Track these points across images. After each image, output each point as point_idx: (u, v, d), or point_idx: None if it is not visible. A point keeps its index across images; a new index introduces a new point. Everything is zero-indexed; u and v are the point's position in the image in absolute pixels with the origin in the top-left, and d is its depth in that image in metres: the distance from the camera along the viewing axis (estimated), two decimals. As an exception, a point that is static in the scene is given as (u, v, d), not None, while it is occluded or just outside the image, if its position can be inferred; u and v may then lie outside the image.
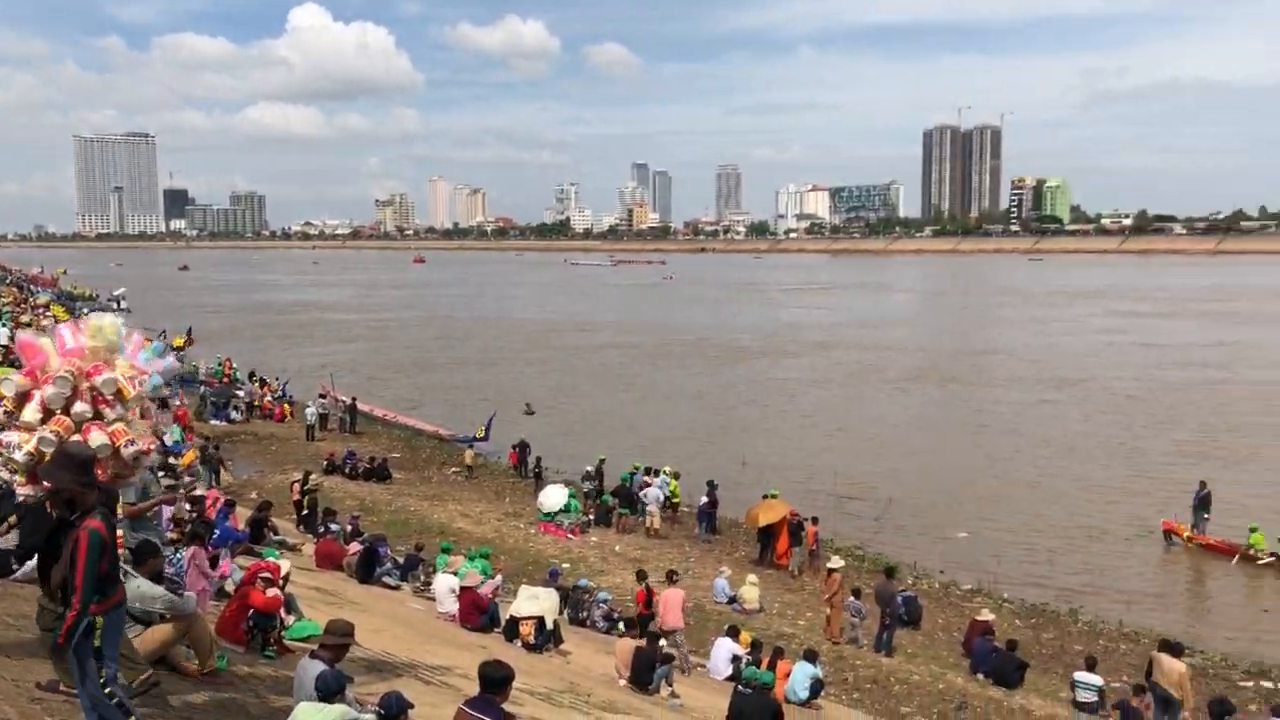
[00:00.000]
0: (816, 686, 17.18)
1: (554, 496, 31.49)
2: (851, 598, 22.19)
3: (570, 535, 29.76)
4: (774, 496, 29.54)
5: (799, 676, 17.12)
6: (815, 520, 28.53)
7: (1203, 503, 30.87)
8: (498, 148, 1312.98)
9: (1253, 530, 29.40)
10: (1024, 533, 31.56)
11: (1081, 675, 18.58)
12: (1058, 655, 22.23)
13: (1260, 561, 28.23)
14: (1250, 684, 21.04)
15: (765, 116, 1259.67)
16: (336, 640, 8.81)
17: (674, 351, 77.04)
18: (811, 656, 17.57)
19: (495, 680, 8.07)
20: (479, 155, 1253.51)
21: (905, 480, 37.58)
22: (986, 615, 22.00)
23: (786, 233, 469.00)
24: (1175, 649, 17.49)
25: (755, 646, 18.30)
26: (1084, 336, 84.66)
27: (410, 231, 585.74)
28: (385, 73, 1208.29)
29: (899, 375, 63.71)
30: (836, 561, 22.70)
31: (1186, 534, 30.37)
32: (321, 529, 24.15)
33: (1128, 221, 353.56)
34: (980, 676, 20.04)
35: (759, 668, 16.27)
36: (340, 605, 16.12)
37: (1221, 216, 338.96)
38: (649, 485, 31.79)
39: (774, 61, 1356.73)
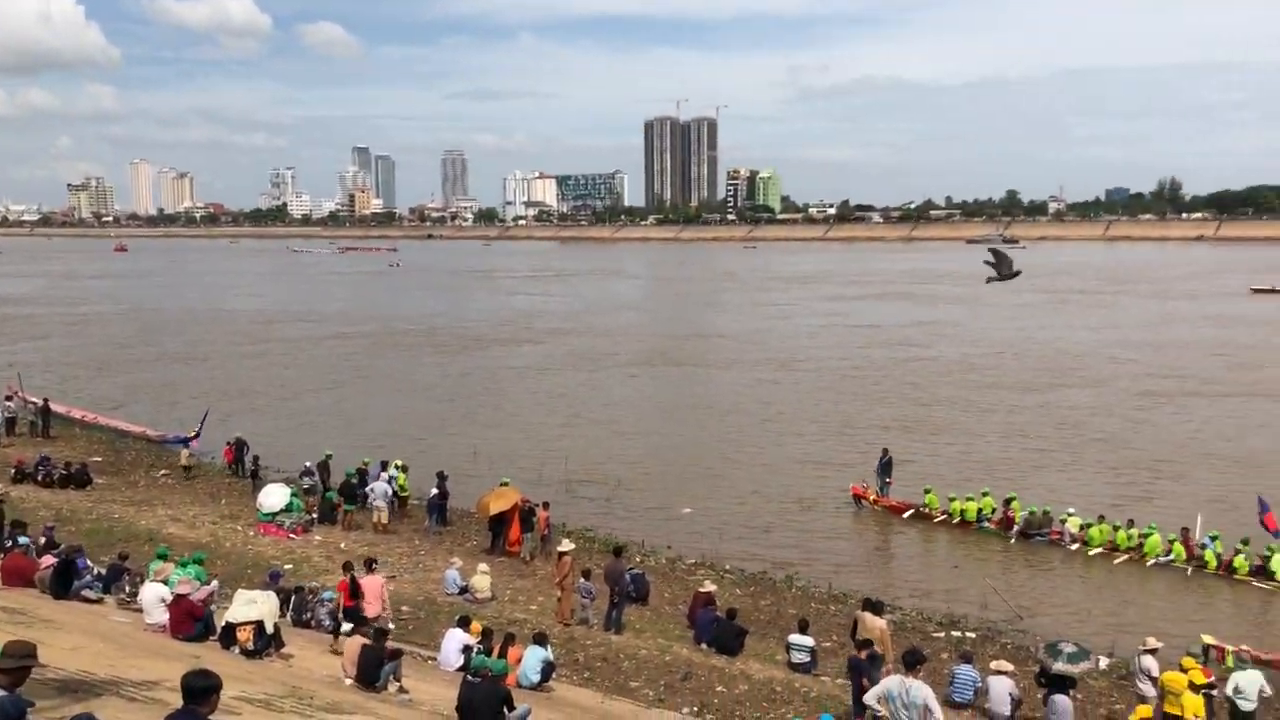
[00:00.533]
0: (548, 669, 17.27)
1: (274, 496, 30.30)
2: (582, 579, 22.44)
3: (292, 535, 28.72)
4: (506, 485, 29.51)
5: (530, 661, 17.16)
6: (546, 505, 28.68)
7: (885, 468, 33.43)
8: (207, 129, 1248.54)
9: (927, 491, 32.46)
10: (745, 506, 32.85)
11: (795, 638, 19.83)
12: (774, 620, 23.29)
13: (935, 520, 31.22)
14: (942, 634, 22.87)
15: (487, 103, 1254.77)
16: (15, 664, 8.13)
17: (405, 341, 75.77)
18: (542, 640, 17.65)
19: (198, 690, 7.65)
20: (186, 136, 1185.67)
21: (634, 461, 38.37)
22: (709, 586, 22.71)
23: (515, 220, 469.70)
24: (876, 607, 18.63)
25: (486, 635, 18.23)
26: (799, 319, 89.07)
27: (110, 218, 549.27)
28: (74, 46, 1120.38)
29: (630, 359, 65.00)
30: (567, 544, 22.90)
31: (872, 497, 32.82)
32: (9, 543, 22.29)
33: (832, 211, 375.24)
34: (704, 646, 20.70)
35: (490, 656, 16.19)
36: (30, 625, 14.94)
37: (913, 206, 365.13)
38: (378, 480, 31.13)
39: (494, 47, 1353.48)
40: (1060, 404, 48.73)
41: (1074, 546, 28.95)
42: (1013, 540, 29.92)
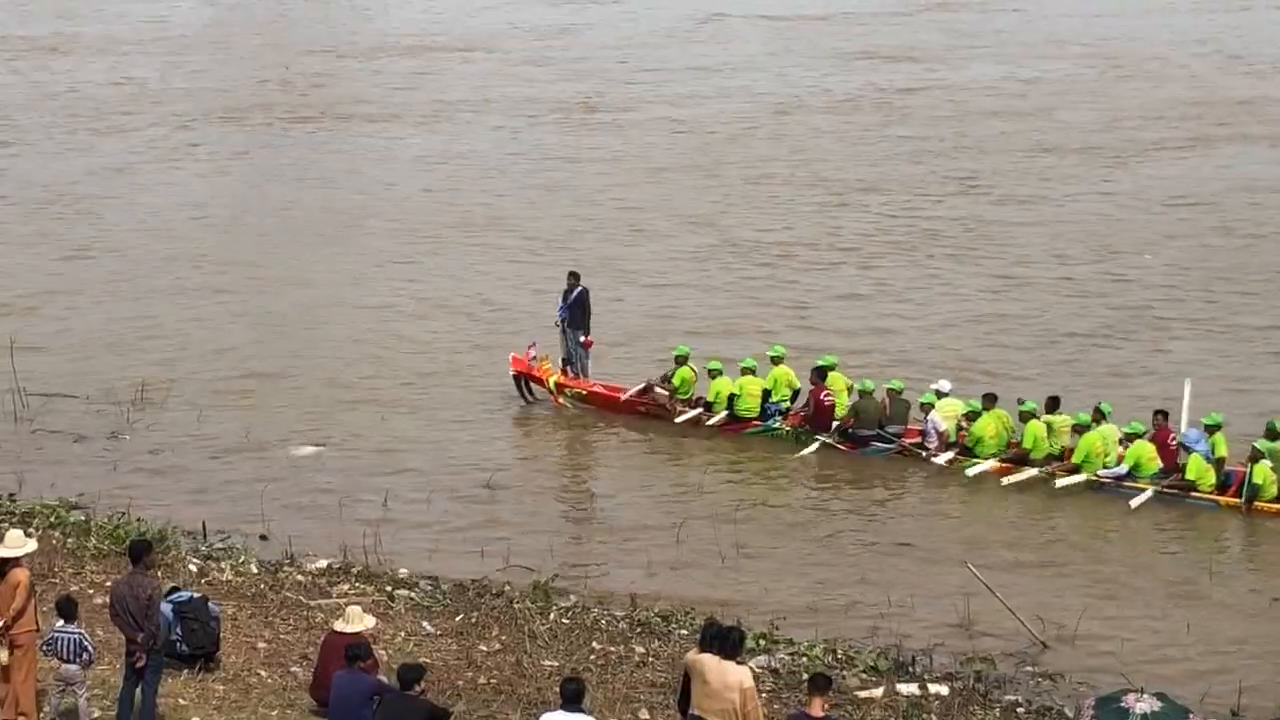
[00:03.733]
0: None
1: None
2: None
3: None
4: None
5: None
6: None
7: (574, 310, 20.23)
8: None
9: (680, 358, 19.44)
10: (385, 429, 19.40)
11: None
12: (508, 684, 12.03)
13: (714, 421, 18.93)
14: (880, 690, 17.18)
15: None
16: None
17: None
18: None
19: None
20: None
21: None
22: (355, 623, 13.31)
23: None
24: (728, 643, 9.50)
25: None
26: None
27: None
28: None
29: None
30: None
31: (553, 376, 19.87)
32: None
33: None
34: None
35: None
36: None
37: None
38: None
39: None
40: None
41: (944, 459, 17.57)
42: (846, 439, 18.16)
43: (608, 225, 28.48)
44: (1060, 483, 16.77)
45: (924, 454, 17.72)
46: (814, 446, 18.11)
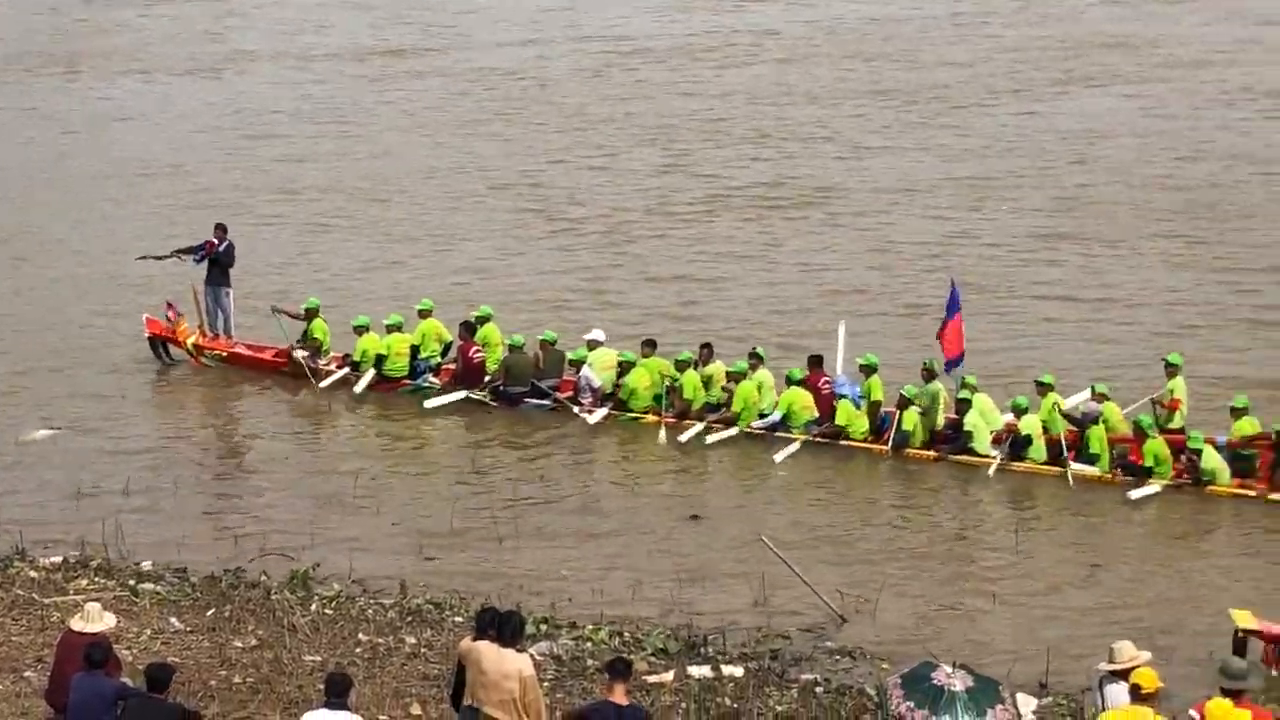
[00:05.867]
0: None
1: None
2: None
3: None
4: None
5: None
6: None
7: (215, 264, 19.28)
8: None
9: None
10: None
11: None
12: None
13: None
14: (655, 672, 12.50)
15: None
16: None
17: None
18: None
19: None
20: None
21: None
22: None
23: None
24: (508, 628, 10.43)
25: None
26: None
27: None
28: None
29: None
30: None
31: (192, 336, 19.10)
32: None
33: None
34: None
35: None
36: None
37: None
38: None
39: None
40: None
41: (599, 416, 17.16)
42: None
43: (397, 182, 27.67)
44: (712, 438, 16.66)
45: (577, 410, 17.28)
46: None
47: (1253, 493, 14.94)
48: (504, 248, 24.06)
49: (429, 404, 17.68)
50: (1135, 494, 15.20)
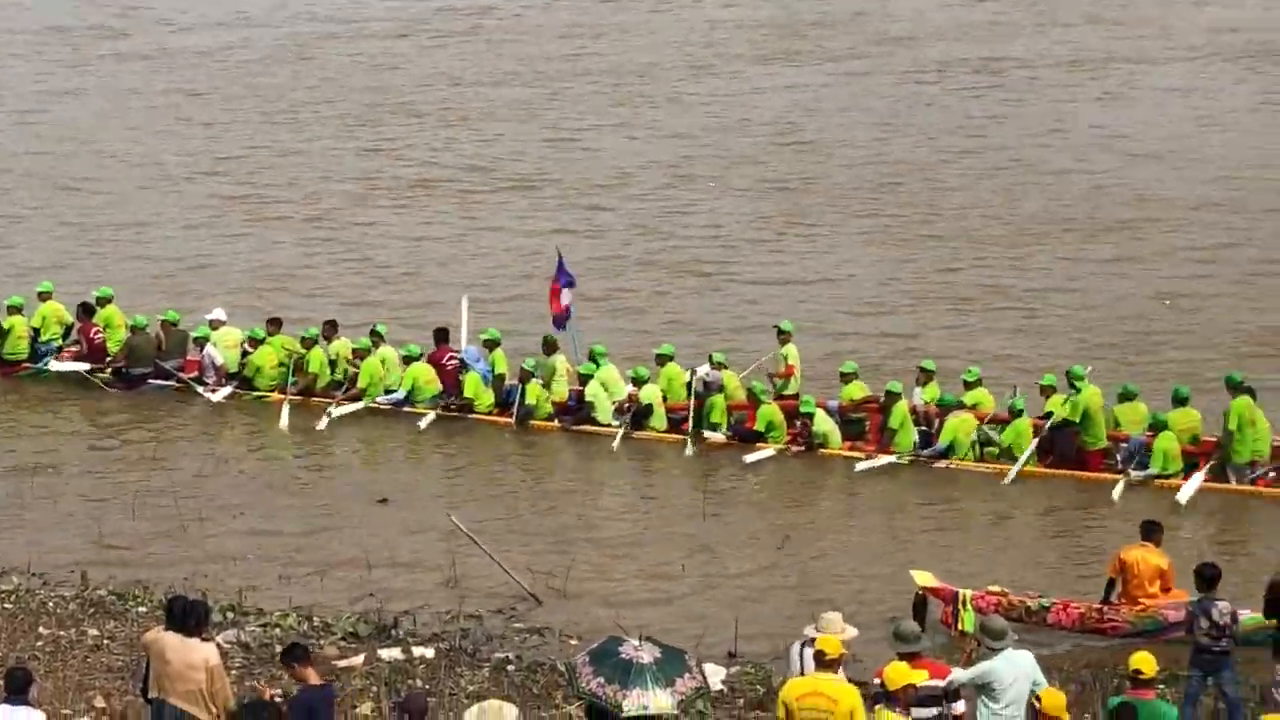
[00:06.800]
0: None
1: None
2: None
3: None
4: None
5: None
6: None
7: None
8: None
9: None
10: None
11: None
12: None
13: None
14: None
15: None
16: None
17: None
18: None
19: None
20: None
21: None
22: None
23: None
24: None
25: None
26: None
27: None
28: None
29: None
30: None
31: None
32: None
33: None
34: None
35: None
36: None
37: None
38: None
39: None
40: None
41: (222, 395, 17.42)
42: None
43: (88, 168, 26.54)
44: (336, 411, 16.81)
45: (201, 390, 17.36)
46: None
47: (862, 455, 15.83)
48: (199, 235, 23.47)
49: (53, 368, 17.36)
50: (751, 458, 15.95)
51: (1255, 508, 15.00)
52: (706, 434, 16.30)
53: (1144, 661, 8.87)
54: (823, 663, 8.77)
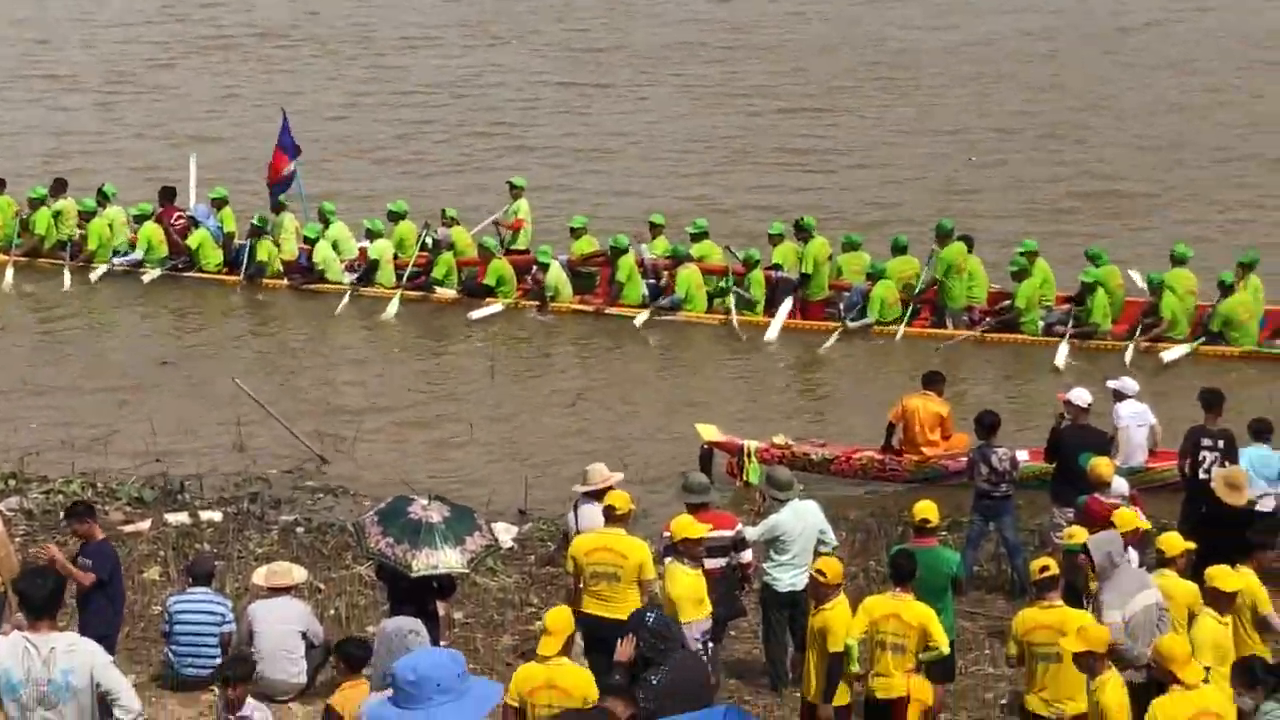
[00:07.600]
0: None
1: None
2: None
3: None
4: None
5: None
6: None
7: None
8: None
9: None
10: None
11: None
12: None
13: None
14: None
15: None
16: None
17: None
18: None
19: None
20: None
21: None
22: None
23: None
24: None
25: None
26: None
27: None
28: None
29: None
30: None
31: None
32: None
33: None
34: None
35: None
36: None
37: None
38: None
39: None
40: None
41: None
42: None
43: None
44: (68, 277, 16.65)
45: None
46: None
47: (591, 308, 15.87)
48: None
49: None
50: (476, 314, 15.92)
51: (1029, 355, 14.93)
52: (442, 291, 16.16)
53: (927, 510, 8.91)
54: (612, 518, 8.75)
